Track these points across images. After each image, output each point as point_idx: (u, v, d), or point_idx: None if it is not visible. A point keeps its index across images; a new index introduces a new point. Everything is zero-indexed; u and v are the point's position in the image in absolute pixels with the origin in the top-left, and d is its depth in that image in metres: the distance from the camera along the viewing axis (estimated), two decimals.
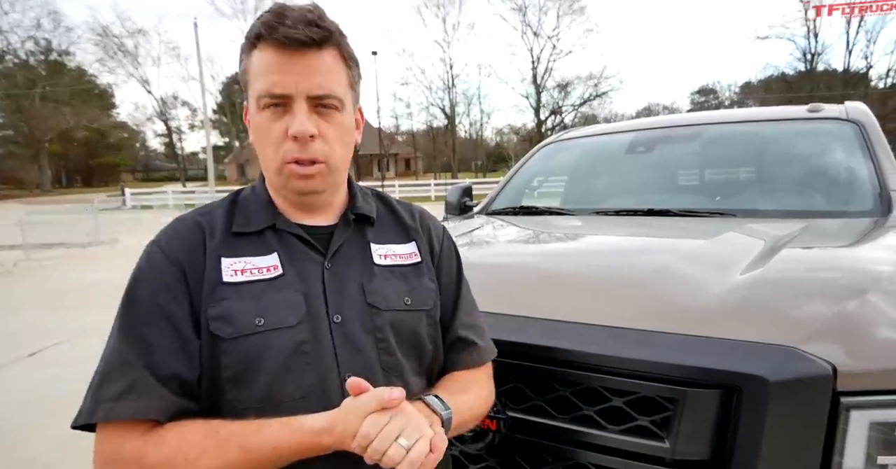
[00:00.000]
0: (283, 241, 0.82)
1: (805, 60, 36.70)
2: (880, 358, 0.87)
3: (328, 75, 0.77)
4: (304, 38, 0.74)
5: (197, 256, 0.77)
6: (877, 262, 1.18)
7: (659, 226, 1.85)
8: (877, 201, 1.80)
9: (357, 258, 0.85)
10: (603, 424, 0.95)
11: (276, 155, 0.78)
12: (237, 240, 0.80)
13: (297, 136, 0.76)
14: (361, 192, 0.93)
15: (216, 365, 0.73)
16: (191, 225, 0.81)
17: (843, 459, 0.82)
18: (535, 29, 39.94)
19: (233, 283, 0.76)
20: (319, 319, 0.78)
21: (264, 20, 0.75)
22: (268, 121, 0.77)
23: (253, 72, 0.78)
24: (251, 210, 0.84)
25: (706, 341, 0.93)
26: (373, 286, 0.83)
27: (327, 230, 0.85)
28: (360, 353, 0.79)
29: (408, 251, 0.90)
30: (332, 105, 0.79)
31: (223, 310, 0.74)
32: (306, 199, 0.84)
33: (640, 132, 2.65)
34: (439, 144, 44.93)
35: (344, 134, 0.82)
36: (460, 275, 0.97)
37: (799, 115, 2.33)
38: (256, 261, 0.78)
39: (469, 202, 2.87)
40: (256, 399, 0.74)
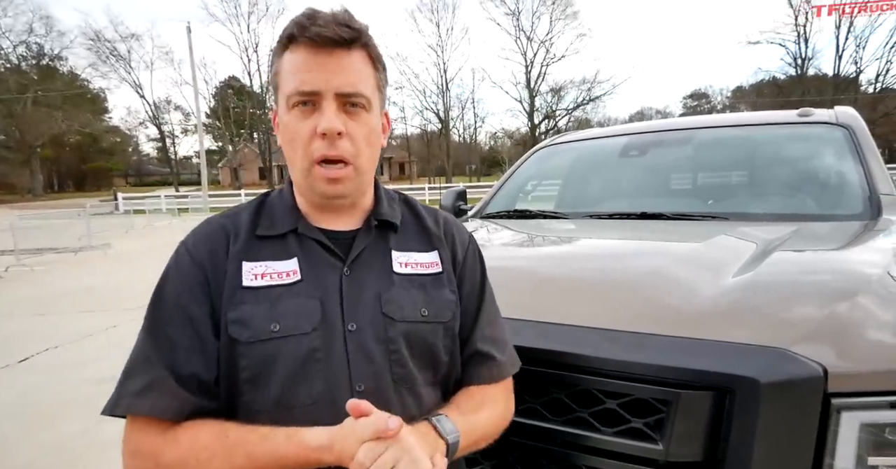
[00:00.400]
0: (304, 245, 0.82)
1: (796, 65, 37.10)
2: (871, 360, 0.88)
3: (357, 74, 0.78)
4: (336, 36, 0.75)
5: (219, 259, 0.79)
6: (867, 265, 1.20)
7: (652, 229, 1.86)
8: (866, 205, 1.82)
9: (377, 265, 0.84)
10: (597, 426, 0.95)
11: (304, 154, 0.79)
12: (260, 243, 0.81)
13: (326, 133, 0.76)
14: (387, 197, 0.92)
15: (234, 366, 0.75)
16: (216, 227, 0.82)
17: (834, 461, 0.82)
18: (529, 33, 40.20)
19: (252, 288, 0.77)
20: (334, 327, 0.78)
21: (296, 21, 0.76)
22: (297, 119, 0.78)
23: (284, 72, 0.79)
24: (276, 213, 0.85)
25: (699, 343, 0.94)
26: (390, 295, 0.81)
27: (349, 235, 0.85)
28: (372, 364, 0.78)
29: (429, 260, 0.88)
30: (360, 104, 0.79)
31: (241, 314, 0.75)
32: (332, 203, 0.84)
33: (634, 136, 2.67)
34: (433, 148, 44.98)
35: (371, 134, 0.82)
36: (484, 285, 0.94)
37: (789, 119, 2.36)
38: (276, 265, 0.79)
39: (464, 206, 2.87)
40: (270, 402, 0.75)
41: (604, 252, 1.64)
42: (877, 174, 1.92)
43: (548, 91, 41.31)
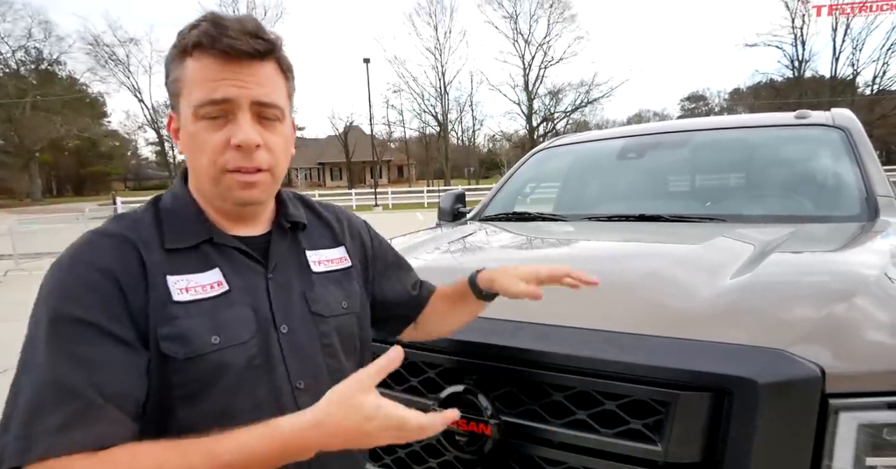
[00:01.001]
0: (223, 254, 0.79)
1: (793, 67, 37.22)
2: (868, 360, 0.88)
3: (271, 86, 0.77)
4: (250, 49, 0.72)
5: (134, 271, 0.71)
6: (864, 266, 1.20)
7: (650, 231, 1.87)
8: (863, 206, 1.83)
9: (295, 266, 0.86)
10: (596, 428, 0.95)
11: (214, 165, 0.75)
12: (174, 256, 0.75)
13: (242, 146, 0.73)
14: (290, 199, 0.92)
15: (165, 384, 0.70)
16: (119, 239, 0.74)
17: (832, 461, 0.83)
18: (527, 36, 40.29)
19: (183, 302, 0.72)
20: (268, 331, 0.78)
21: (203, 30, 0.72)
22: (206, 130, 0.74)
23: (189, 80, 0.74)
24: (181, 223, 0.78)
25: (697, 345, 0.94)
26: (314, 294, 0.85)
27: (262, 240, 0.84)
28: (308, 360, 0.81)
29: (338, 256, 0.93)
30: (274, 116, 0.78)
31: (176, 329, 0.70)
32: (245, 210, 0.81)
33: (631, 138, 2.68)
34: (432, 151, 45.03)
35: (286, 144, 0.82)
36: (391, 250, 1.09)
37: (787, 121, 2.37)
38: (198, 278, 0.75)
39: (462, 208, 2.88)
40: (210, 415, 0.72)
41: (602, 254, 1.65)
42: (874, 176, 1.93)
43: (546, 94, 41.43)
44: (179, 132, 0.78)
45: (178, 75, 0.75)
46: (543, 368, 1.00)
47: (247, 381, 0.75)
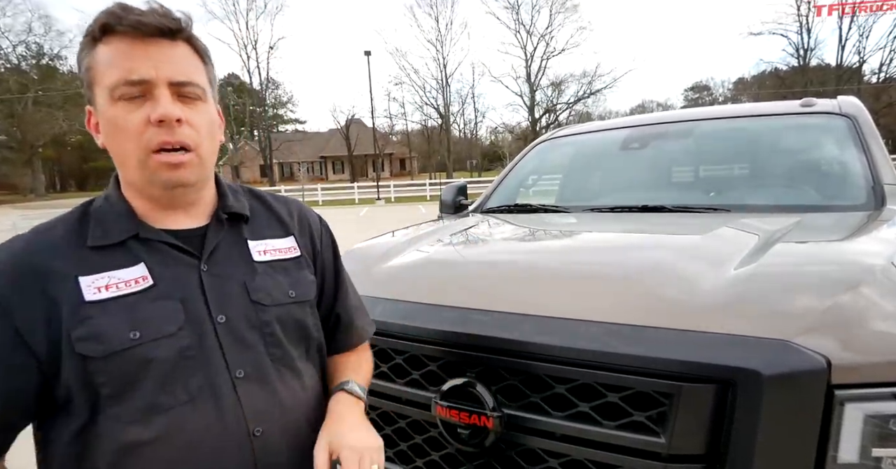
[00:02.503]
0: (151, 249, 0.78)
1: (798, 56, 36.80)
2: (874, 351, 0.87)
3: (186, 64, 0.76)
4: (159, 24, 0.72)
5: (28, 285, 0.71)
6: (870, 256, 1.18)
7: (653, 222, 1.85)
8: (870, 195, 1.81)
9: (235, 257, 0.85)
10: (599, 420, 0.95)
11: (137, 147, 0.73)
12: (95, 254, 0.75)
13: (164, 119, 0.72)
14: (231, 190, 0.91)
15: (91, 384, 0.71)
16: (16, 253, 0.73)
17: (838, 453, 0.82)
18: (529, 27, 39.96)
19: (97, 302, 0.72)
20: (202, 322, 0.77)
21: (108, 12, 0.72)
22: (124, 111, 0.72)
23: (101, 65, 0.73)
24: (108, 221, 0.78)
25: (701, 336, 0.93)
26: (256, 284, 0.84)
27: (198, 232, 0.83)
28: (249, 349, 0.81)
29: (287, 246, 0.92)
30: (195, 94, 0.77)
31: (90, 329, 0.70)
32: (175, 194, 0.79)
33: (634, 129, 2.65)
34: (434, 144, 44.89)
35: (211, 124, 0.80)
36: (338, 261, 1.03)
37: (792, 109, 2.34)
38: (120, 274, 0.74)
39: (464, 201, 2.86)
40: (141, 410, 0.72)
41: (605, 245, 1.64)
42: (880, 164, 1.90)
43: (548, 85, 41.17)
44: (99, 124, 0.77)
45: (90, 63, 0.74)
46: (545, 361, 1.00)
47: (178, 373, 0.74)
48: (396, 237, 1.90)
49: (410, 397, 1.16)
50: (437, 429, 1.10)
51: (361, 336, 1.03)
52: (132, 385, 0.72)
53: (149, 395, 0.72)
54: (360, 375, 0.97)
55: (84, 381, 0.71)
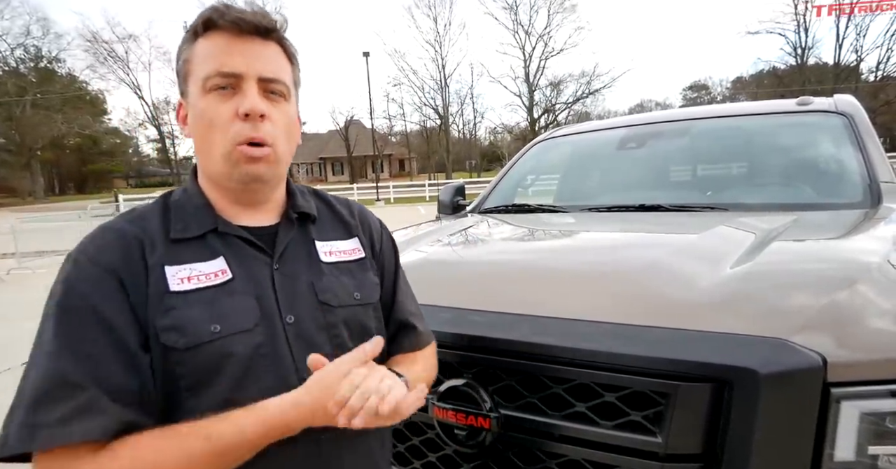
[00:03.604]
0: (228, 243, 0.80)
1: (796, 55, 36.83)
2: (870, 349, 0.87)
3: (276, 64, 0.80)
4: (257, 21, 0.76)
5: (136, 267, 0.73)
6: (866, 254, 1.19)
7: (651, 221, 1.85)
8: (866, 193, 1.81)
9: (303, 257, 0.85)
10: (595, 420, 0.94)
11: (224, 138, 0.76)
12: (178, 246, 0.76)
13: (249, 114, 0.75)
14: (299, 191, 0.92)
15: (171, 375, 0.71)
16: (122, 233, 0.75)
17: (835, 451, 0.82)
18: (527, 27, 39.99)
19: (181, 292, 0.73)
20: (273, 321, 0.78)
21: (213, 8, 0.76)
22: (215, 103, 0.76)
23: (198, 57, 0.77)
24: (188, 214, 0.80)
25: (697, 335, 0.93)
26: (323, 284, 0.84)
27: (270, 230, 0.84)
28: (316, 350, 0.79)
29: (351, 247, 0.92)
30: (280, 92, 0.80)
31: (174, 320, 0.71)
32: (251, 189, 0.81)
33: (632, 128, 2.65)
34: (433, 145, 44.90)
35: (290, 125, 0.83)
36: (398, 266, 1.01)
37: (789, 108, 2.34)
38: (202, 267, 0.76)
39: (462, 201, 2.86)
40: (217, 405, 0.71)
41: (602, 245, 1.64)
42: (877, 162, 1.90)
43: (547, 85, 41.19)
44: (188, 117, 0.80)
45: (188, 56, 0.78)
46: (542, 361, 0.99)
47: (253, 371, 0.74)
48: (395, 238, 1.89)
49: None
50: (435, 430, 1.10)
51: (419, 342, 0.96)
52: (210, 379, 0.72)
53: (225, 390, 0.73)
54: (409, 371, 0.88)
55: (164, 371, 0.71)
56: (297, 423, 0.69)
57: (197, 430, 0.66)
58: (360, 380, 0.68)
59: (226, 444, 0.66)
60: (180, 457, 0.65)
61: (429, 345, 0.98)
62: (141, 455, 0.64)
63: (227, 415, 0.68)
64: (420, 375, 0.90)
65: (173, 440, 0.65)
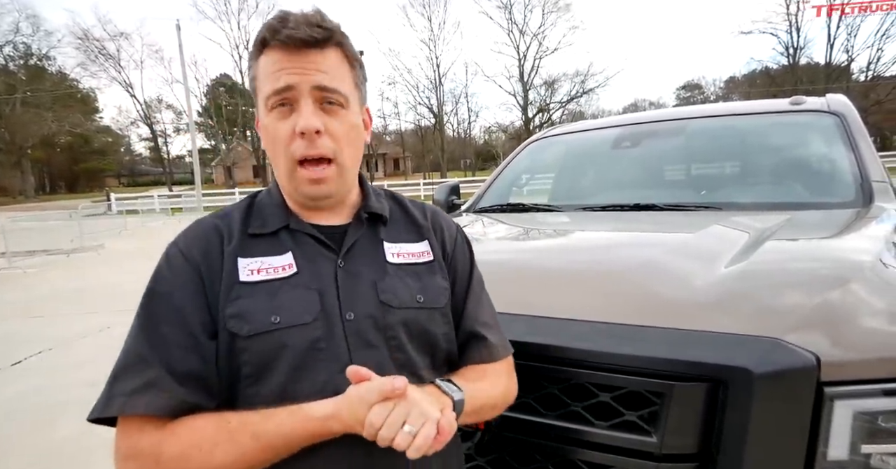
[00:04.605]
0: (298, 240, 0.83)
1: (788, 55, 37.08)
2: (864, 348, 0.88)
3: (332, 72, 0.80)
4: (307, 37, 0.77)
5: (214, 258, 0.79)
6: (859, 253, 1.19)
7: (645, 220, 1.85)
8: (859, 192, 1.82)
9: (370, 256, 0.86)
10: (591, 420, 0.95)
11: (285, 156, 0.80)
12: (253, 241, 0.82)
13: (304, 132, 0.77)
14: (374, 192, 0.94)
15: (235, 362, 0.75)
16: (209, 227, 0.83)
17: (828, 449, 0.82)
18: (521, 26, 40.01)
19: (249, 283, 0.78)
20: (333, 317, 0.79)
21: (268, 25, 0.78)
22: (276, 121, 0.79)
23: (261, 75, 0.80)
24: (267, 212, 0.86)
25: (691, 335, 0.93)
26: (385, 284, 0.84)
27: (340, 229, 0.87)
28: (373, 350, 0.80)
29: (420, 250, 0.91)
30: (337, 101, 0.81)
31: (239, 308, 0.76)
32: (318, 204, 0.86)
33: (626, 127, 2.66)
34: (428, 143, 44.86)
35: (351, 131, 0.84)
36: (472, 272, 0.97)
37: (781, 107, 2.35)
38: (272, 260, 0.80)
39: (457, 200, 2.86)
40: (273, 395, 0.74)
41: (597, 244, 1.64)
42: (869, 161, 1.91)
43: (541, 84, 41.26)
44: (262, 129, 0.84)
45: (254, 74, 0.82)
46: (537, 361, 0.99)
47: (309, 364, 0.76)
48: None
49: None
50: None
51: (490, 354, 0.90)
52: (269, 367, 0.75)
53: (282, 381, 0.75)
54: (471, 384, 0.82)
55: (229, 357, 0.75)
56: (338, 430, 0.70)
57: (246, 427, 0.70)
58: (387, 413, 0.66)
59: (271, 444, 0.70)
60: (230, 450, 0.69)
61: (503, 358, 0.91)
62: (197, 442, 0.69)
63: (274, 414, 0.70)
64: (482, 393, 0.83)
65: (225, 434, 0.70)
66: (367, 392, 0.67)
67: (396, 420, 0.66)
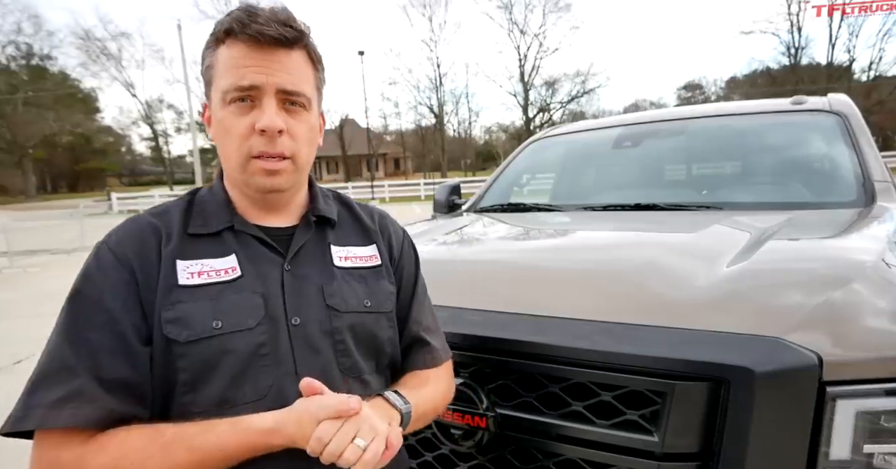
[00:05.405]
0: (242, 242, 0.80)
1: (789, 55, 37.02)
2: (865, 347, 0.88)
3: (297, 74, 0.79)
4: (278, 35, 0.75)
5: (149, 258, 0.75)
6: (861, 252, 1.19)
7: (646, 220, 1.85)
8: (860, 192, 1.82)
9: (317, 260, 0.85)
10: (592, 420, 0.94)
11: (239, 150, 0.77)
12: (193, 241, 0.78)
13: (266, 130, 0.75)
14: (322, 194, 0.93)
15: (171, 368, 0.72)
16: (144, 226, 0.78)
17: (830, 449, 0.82)
18: (522, 27, 39.97)
19: (189, 286, 0.74)
20: (278, 321, 0.77)
21: (235, 17, 0.75)
22: (233, 115, 0.77)
23: (220, 67, 0.77)
24: (209, 211, 0.82)
25: (693, 334, 0.93)
26: (332, 288, 0.83)
27: (287, 231, 0.85)
28: (318, 355, 0.79)
29: (368, 254, 0.91)
30: (300, 103, 0.80)
31: (178, 313, 0.72)
32: (269, 198, 0.83)
33: (627, 127, 2.65)
34: (428, 143, 44.85)
35: (310, 132, 0.83)
36: (417, 277, 0.98)
37: (783, 107, 2.35)
38: (213, 263, 0.77)
39: (457, 200, 2.86)
40: (212, 402, 0.72)
41: (598, 244, 1.64)
42: (871, 161, 1.91)
43: (542, 84, 41.23)
44: (211, 120, 0.82)
45: (211, 62, 0.79)
46: (539, 360, 0.99)
47: (251, 370, 0.74)
48: None
49: None
50: (431, 429, 1.10)
51: (432, 359, 0.92)
52: (207, 375, 0.72)
53: (222, 388, 0.72)
54: (415, 391, 0.85)
55: (165, 363, 0.72)
56: (279, 444, 0.68)
57: (181, 440, 0.66)
58: (337, 428, 0.65)
59: (208, 457, 0.66)
60: (163, 464, 0.65)
61: (443, 363, 0.94)
62: (126, 455, 0.65)
63: (213, 426, 0.67)
64: (426, 400, 0.86)
65: (158, 446, 0.65)
66: (319, 409, 0.66)
67: (347, 435, 0.65)
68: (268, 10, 0.76)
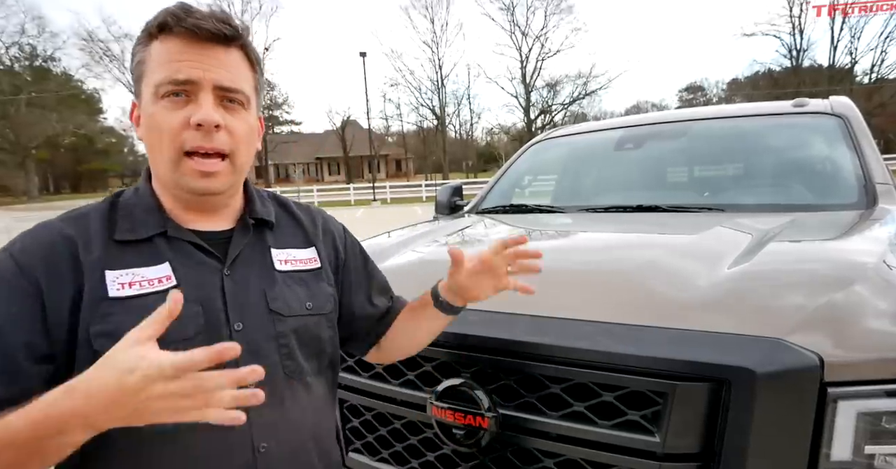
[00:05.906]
0: (176, 248, 0.77)
1: (791, 57, 37.03)
2: (867, 348, 0.88)
3: (237, 72, 0.76)
4: (216, 29, 0.73)
5: (60, 268, 0.69)
6: (862, 254, 1.19)
7: (648, 222, 1.86)
8: (862, 194, 1.82)
9: (257, 264, 0.83)
10: (593, 420, 0.95)
11: (172, 146, 0.73)
12: (122, 249, 0.73)
13: (203, 124, 0.72)
14: (259, 196, 0.90)
15: None
16: (54, 233, 0.72)
17: (831, 450, 0.82)
18: (524, 28, 40.01)
19: (120, 298, 0.70)
20: (219, 328, 0.75)
21: (169, 11, 0.72)
22: (166, 110, 0.73)
23: (153, 61, 0.74)
24: (136, 215, 0.77)
25: (694, 335, 0.93)
26: (275, 293, 0.82)
27: (224, 235, 0.82)
28: (263, 360, 0.74)
29: (308, 256, 0.90)
30: (239, 101, 0.77)
31: (110, 326, 0.67)
32: (203, 200, 0.79)
33: (629, 129, 2.66)
34: (430, 145, 44.90)
35: (250, 133, 0.80)
36: (366, 260, 1.04)
37: (784, 110, 2.35)
38: (145, 272, 0.73)
39: (459, 202, 2.86)
40: None
41: (599, 245, 1.64)
42: (872, 163, 1.91)
43: (543, 86, 41.23)
44: (140, 118, 0.77)
45: (142, 57, 0.75)
46: (540, 361, 1.00)
47: None
48: (392, 238, 1.89)
49: (405, 398, 1.16)
50: (433, 429, 1.10)
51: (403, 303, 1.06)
52: None
53: None
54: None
55: None
56: (72, 416, 0.56)
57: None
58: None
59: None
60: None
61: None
62: None
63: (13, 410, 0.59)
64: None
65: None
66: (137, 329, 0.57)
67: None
68: (205, 8, 0.74)
